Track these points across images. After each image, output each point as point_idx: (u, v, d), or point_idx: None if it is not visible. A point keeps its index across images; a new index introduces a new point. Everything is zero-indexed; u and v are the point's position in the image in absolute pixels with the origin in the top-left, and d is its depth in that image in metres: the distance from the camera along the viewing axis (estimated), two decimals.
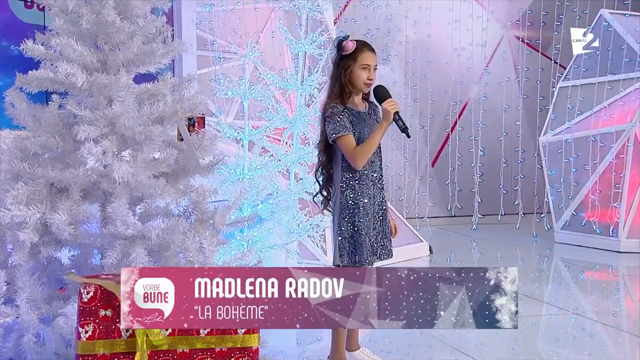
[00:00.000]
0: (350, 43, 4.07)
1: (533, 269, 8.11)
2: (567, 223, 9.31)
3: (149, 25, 3.40)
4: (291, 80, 6.68)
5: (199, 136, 3.60)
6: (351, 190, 4.06)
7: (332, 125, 4.02)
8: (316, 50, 6.70)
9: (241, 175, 6.57)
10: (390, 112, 3.94)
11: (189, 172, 3.60)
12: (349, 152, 4.01)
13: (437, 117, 10.98)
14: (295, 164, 6.77)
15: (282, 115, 6.68)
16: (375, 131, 4.01)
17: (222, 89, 6.60)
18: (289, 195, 6.68)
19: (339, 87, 4.09)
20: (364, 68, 4.06)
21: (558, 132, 9.54)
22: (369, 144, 3.98)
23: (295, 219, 6.68)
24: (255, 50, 6.58)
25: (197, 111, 3.52)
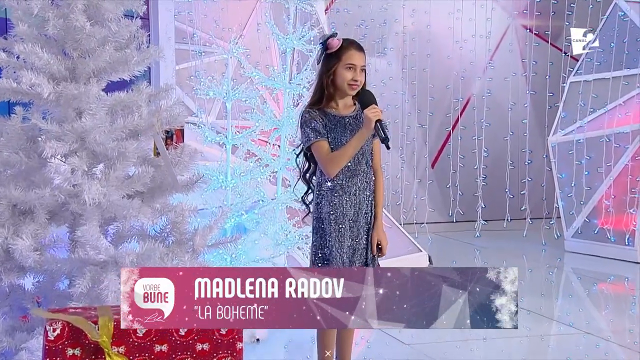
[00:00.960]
0: (335, 40, 4.04)
1: (541, 280, 8.12)
2: (579, 230, 9.31)
3: (122, 30, 3.36)
4: (278, 79, 6.65)
5: (177, 151, 3.57)
6: (326, 202, 4.04)
7: (305, 131, 4.03)
8: (305, 46, 6.66)
9: (224, 182, 6.54)
10: (371, 120, 3.88)
11: (166, 190, 3.57)
12: (320, 159, 4.00)
13: (437, 115, 10.96)
14: (283, 169, 6.74)
15: (268, 117, 6.65)
16: (352, 138, 3.96)
17: (203, 88, 6.55)
18: (276, 203, 6.65)
19: (320, 88, 4.08)
20: (349, 68, 4.01)
21: (569, 131, 9.54)
22: (344, 150, 3.95)
23: (283, 230, 6.65)
24: (239, 47, 6.53)
25: (176, 123, 3.48)
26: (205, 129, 6.65)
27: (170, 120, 3.48)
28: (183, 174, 3.56)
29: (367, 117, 3.90)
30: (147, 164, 3.50)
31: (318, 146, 4.00)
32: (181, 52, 8.60)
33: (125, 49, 3.42)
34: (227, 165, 6.59)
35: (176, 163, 3.54)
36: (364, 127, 3.93)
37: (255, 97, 6.61)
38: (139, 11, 3.42)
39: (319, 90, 4.08)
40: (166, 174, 3.52)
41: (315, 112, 4.04)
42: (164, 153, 3.46)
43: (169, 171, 3.50)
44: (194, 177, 3.60)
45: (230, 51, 6.54)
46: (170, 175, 3.50)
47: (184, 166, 3.56)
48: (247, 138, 6.62)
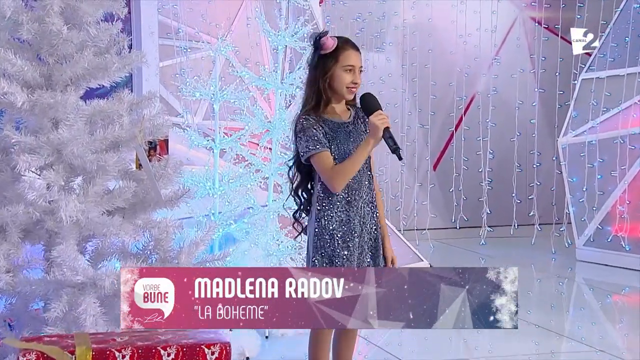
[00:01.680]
0: (330, 40, 3.96)
1: (551, 292, 8.13)
2: (591, 238, 9.30)
3: (102, 34, 3.33)
4: (269, 79, 6.63)
5: (161, 163, 3.54)
6: (328, 219, 3.96)
7: (304, 141, 3.92)
8: (299, 44, 6.64)
9: (211, 189, 6.52)
10: (379, 128, 3.82)
11: (149, 205, 3.55)
12: (324, 172, 3.91)
13: (439, 114, 10.94)
14: (275, 175, 6.73)
15: (259, 119, 6.63)
16: (359, 148, 3.90)
17: (189, 89, 6.53)
18: (267, 212, 6.63)
19: (316, 93, 3.98)
20: (348, 70, 3.97)
21: (580, 132, 9.52)
22: (350, 162, 3.88)
23: (274, 239, 6.63)
24: (227, 45, 6.51)
25: (160, 134, 3.45)
26: (191, 132, 6.64)
27: (153, 130, 3.46)
28: (167, 187, 3.54)
29: (373, 124, 3.84)
30: (128, 178, 3.49)
31: (320, 158, 3.91)
32: (165, 48, 8.57)
33: (105, 54, 3.40)
34: (214, 171, 6.57)
35: (160, 176, 3.52)
36: (370, 136, 3.87)
37: (245, 98, 6.59)
38: (120, 13, 3.39)
39: (315, 95, 3.99)
40: (149, 188, 3.49)
41: (314, 119, 3.95)
42: (146, 166, 3.43)
43: (152, 185, 3.47)
44: (179, 191, 3.58)
45: (217, 49, 6.52)
46: (153, 189, 3.48)
47: (168, 179, 3.54)
48: (236, 142, 6.60)
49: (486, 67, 11.14)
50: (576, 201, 9.48)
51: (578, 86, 9.73)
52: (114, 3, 3.38)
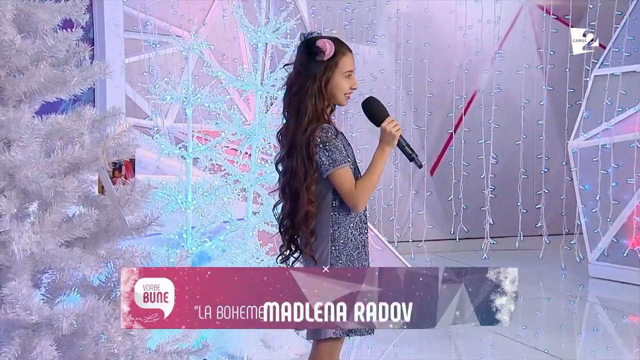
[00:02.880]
0: (329, 45, 3.94)
1: (561, 312, 8.12)
2: (605, 252, 9.31)
3: (60, 43, 3.27)
4: (249, 79, 6.60)
5: (127, 187, 3.49)
6: (345, 240, 4.01)
7: (328, 152, 3.91)
8: (281, 41, 6.62)
9: (184, 203, 6.49)
10: (394, 136, 3.92)
11: (113, 234, 3.49)
12: (350, 190, 3.92)
13: (436, 114, 10.94)
14: (255, 185, 6.71)
15: (237, 124, 6.60)
16: (376, 160, 3.96)
17: (158, 92, 6.50)
18: (245, 227, 6.62)
19: (319, 102, 3.98)
20: (347, 76, 4.01)
21: (593, 134, 9.53)
22: (372, 177, 3.93)
23: (254, 258, 6.62)
24: (201, 42, 6.48)
25: (125, 154, 3.40)
26: (160, 139, 6.60)
27: (118, 150, 3.40)
28: (134, 214, 3.49)
29: (388, 133, 3.92)
30: (90, 204, 3.43)
31: (345, 173, 3.94)
32: (131, 42, 8.54)
33: (63, 66, 3.35)
34: (187, 182, 6.54)
35: (125, 202, 3.46)
36: (385, 145, 3.94)
37: (221, 101, 6.57)
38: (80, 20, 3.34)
39: (320, 105, 3.98)
40: (113, 215, 3.45)
41: (335, 130, 4.00)
42: (110, 190, 3.39)
43: (116, 212, 3.43)
44: (147, 219, 3.53)
45: (190, 47, 6.49)
46: (118, 216, 3.43)
47: (135, 205, 3.48)
48: (211, 149, 6.57)
49: (488, 62, 11.15)
50: (588, 211, 9.48)
51: (590, 83, 9.73)
52: (73, 8, 3.32)
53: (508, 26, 11.23)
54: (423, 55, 10.63)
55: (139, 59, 8.60)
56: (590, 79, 9.76)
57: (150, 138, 6.64)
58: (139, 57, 8.60)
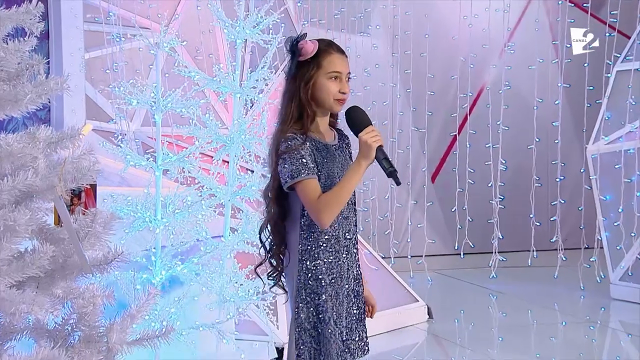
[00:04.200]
0: (309, 43, 4.00)
1: (579, 339, 8.12)
2: (629, 271, 9.33)
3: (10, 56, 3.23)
4: (226, 81, 6.55)
5: (87, 218, 3.45)
6: (313, 260, 4.00)
7: (289, 164, 3.93)
8: (262, 37, 6.58)
9: (152, 221, 6.44)
10: (371, 147, 3.87)
11: (71, 272, 3.45)
12: (312, 203, 3.93)
13: (438, 115, 10.96)
14: (234, 200, 6.68)
15: (212, 130, 6.56)
16: (349, 173, 3.93)
17: (123, 94, 6.44)
18: (223, 247, 6.59)
19: (298, 107, 4.02)
20: (334, 77, 4.01)
21: (615, 138, 9.56)
22: (341, 191, 3.90)
23: (232, 282, 6.59)
24: (172, 39, 6.43)
25: (86, 180, 3.36)
26: (125, 148, 6.54)
27: (77, 176, 3.36)
28: (95, 248, 3.45)
29: (365, 143, 3.88)
30: (44, 239, 3.39)
31: (307, 186, 3.94)
32: (92, 35, 8.48)
33: (14, 81, 3.31)
34: (156, 197, 6.49)
35: (85, 235, 3.42)
36: (361, 158, 3.90)
37: (195, 105, 6.52)
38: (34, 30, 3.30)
39: (297, 109, 4.02)
40: (71, 250, 3.40)
41: (301, 138, 3.98)
42: (68, 222, 3.34)
43: (75, 246, 3.38)
44: (110, 254, 3.49)
45: (159, 44, 6.43)
46: (77, 251, 3.39)
47: (97, 238, 3.44)
48: (184, 160, 6.53)
49: (497, 55, 11.20)
50: (610, 224, 9.50)
51: (612, 80, 9.74)
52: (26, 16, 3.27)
53: (519, 15, 11.29)
54: (423, 47, 10.63)
55: (100, 54, 8.53)
56: (612, 75, 9.77)
57: (113, 145, 6.58)
58: (100, 51, 8.52)
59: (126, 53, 8.49)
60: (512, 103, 10.77)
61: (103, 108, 8.55)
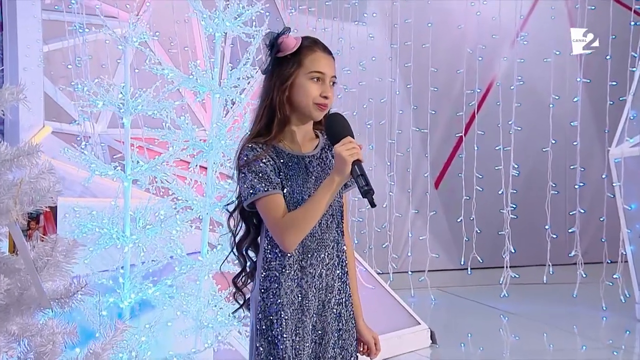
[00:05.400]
0: (290, 39, 3.92)
1: None
2: None
3: None
4: (204, 79, 6.54)
5: (46, 244, 3.42)
6: (275, 289, 3.93)
7: (248, 179, 3.87)
8: (244, 29, 6.57)
9: (120, 239, 6.44)
10: (346, 161, 3.77)
11: (28, 306, 3.43)
12: (274, 222, 3.86)
13: (442, 114, 11.00)
14: (212, 213, 6.68)
15: (188, 135, 6.55)
16: (320, 190, 3.85)
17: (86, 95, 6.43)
18: (200, 267, 6.58)
19: (268, 110, 3.95)
20: (316, 78, 3.93)
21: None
22: (309, 209, 3.84)
23: (210, 305, 6.59)
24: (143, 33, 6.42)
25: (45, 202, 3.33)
26: (90, 156, 6.53)
27: (35, 198, 3.33)
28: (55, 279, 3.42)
29: (339, 156, 3.79)
30: None
31: (268, 203, 3.86)
32: (52, 25, 8.47)
33: None
34: (125, 211, 6.49)
35: (44, 264, 3.40)
36: (334, 173, 3.83)
37: (169, 108, 6.51)
38: None
39: (267, 113, 3.94)
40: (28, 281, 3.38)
41: (262, 148, 3.89)
42: (24, 250, 3.32)
43: (32, 277, 3.36)
44: (73, 286, 3.46)
45: (127, 38, 6.41)
46: (34, 283, 3.37)
47: (57, 268, 3.41)
48: (155, 168, 6.52)
49: (508, 46, 11.23)
50: (635, 237, 9.54)
51: (638, 74, 9.77)
52: None
53: (533, 1, 11.27)
54: (425, 38, 10.62)
55: (61, 47, 8.51)
56: (637, 69, 9.81)
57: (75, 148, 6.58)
58: (61, 43, 8.50)
59: (90, 45, 8.46)
60: (525, 100, 10.80)
61: (64, 107, 8.52)
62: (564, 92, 10.85)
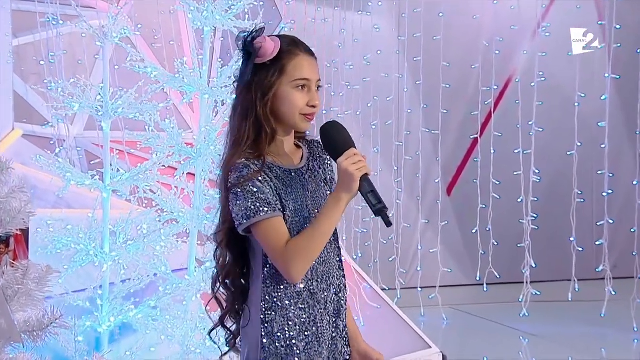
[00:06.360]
0: (268, 42, 3.80)
1: None
2: None
3: None
4: (191, 79, 6.55)
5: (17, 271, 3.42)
6: (282, 322, 3.86)
7: (243, 200, 3.76)
8: (235, 23, 6.58)
9: (99, 256, 6.44)
10: (353, 177, 3.71)
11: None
12: (277, 250, 3.77)
13: (455, 113, 11.03)
14: (201, 226, 6.68)
15: (174, 140, 6.56)
16: (326, 210, 3.79)
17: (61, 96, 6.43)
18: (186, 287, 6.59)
19: (254, 125, 3.86)
20: (301, 86, 3.86)
21: None
22: (315, 234, 3.77)
23: (197, 329, 6.60)
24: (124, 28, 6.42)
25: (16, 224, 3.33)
26: (65, 164, 6.53)
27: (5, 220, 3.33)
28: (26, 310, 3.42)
29: (346, 172, 3.73)
30: None
31: (269, 227, 3.77)
32: (23, 16, 8.46)
33: None
34: (104, 224, 6.50)
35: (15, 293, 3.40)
36: (341, 190, 3.75)
37: (152, 110, 6.52)
38: None
39: (253, 128, 3.86)
40: None
41: (257, 164, 3.81)
42: None
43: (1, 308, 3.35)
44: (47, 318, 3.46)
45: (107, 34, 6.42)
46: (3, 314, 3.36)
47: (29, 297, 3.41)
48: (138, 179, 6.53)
49: (528, 39, 11.23)
50: None
51: None
52: None
53: None
54: (437, 29, 10.64)
55: (33, 40, 8.48)
56: None
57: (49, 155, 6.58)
58: (33, 37, 8.48)
59: (65, 39, 8.44)
60: (547, 98, 10.80)
61: (36, 108, 8.50)
62: (591, 89, 10.85)
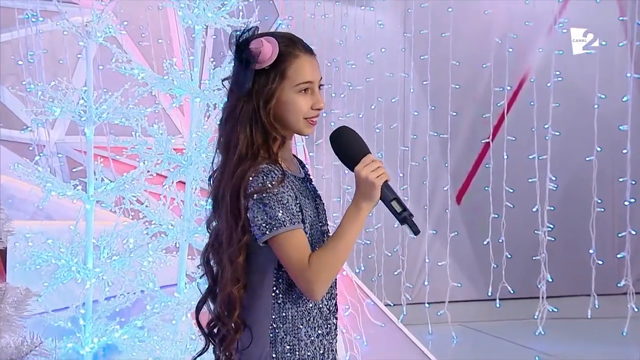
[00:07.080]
0: (266, 46, 3.80)
1: None
2: None
3: None
4: (181, 81, 6.56)
5: None
6: (292, 343, 3.89)
7: (265, 210, 3.76)
8: (229, 21, 6.60)
9: (82, 272, 6.45)
10: (374, 185, 3.75)
11: None
12: (300, 265, 3.77)
13: (465, 115, 11.07)
14: (191, 239, 6.70)
15: (162, 147, 6.58)
16: (347, 221, 3.80)
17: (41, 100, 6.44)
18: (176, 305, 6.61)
19: (262, 134, 3.87)
20: (304, 90, 3.89)
21: None
22: (338, 249, 3.78)
23: (188, 350, 6.62)
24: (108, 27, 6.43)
25: None
26: (45, 173, 6.55)
27: None
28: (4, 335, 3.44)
29: (366, 181, 3.77)
30: None
31: (292, 239, 3.79)
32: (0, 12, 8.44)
33: None
34: (87, 237, 6.51)
35: None
36: (361, 199, 3.79)
37: (140, 116, 6.53)
38: None
39: (261, 136, 3.86)
40: None
41: (278, 171, 3.83)
42: None
43: None
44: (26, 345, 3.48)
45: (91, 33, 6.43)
46: None
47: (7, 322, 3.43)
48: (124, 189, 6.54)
49: (544, 36, 11.25)
50: None
51: None
52: None
53: None
54: (445, 26, 10.67)
55: (10, 38, 8.49)
56: None
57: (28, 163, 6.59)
58: (10, 35, 8.48)
59: (45, 37, 8.44)
60: (564, 100, 10.81)
61: (13, 111, 8.50)
62: (612, 89, 10.87)
